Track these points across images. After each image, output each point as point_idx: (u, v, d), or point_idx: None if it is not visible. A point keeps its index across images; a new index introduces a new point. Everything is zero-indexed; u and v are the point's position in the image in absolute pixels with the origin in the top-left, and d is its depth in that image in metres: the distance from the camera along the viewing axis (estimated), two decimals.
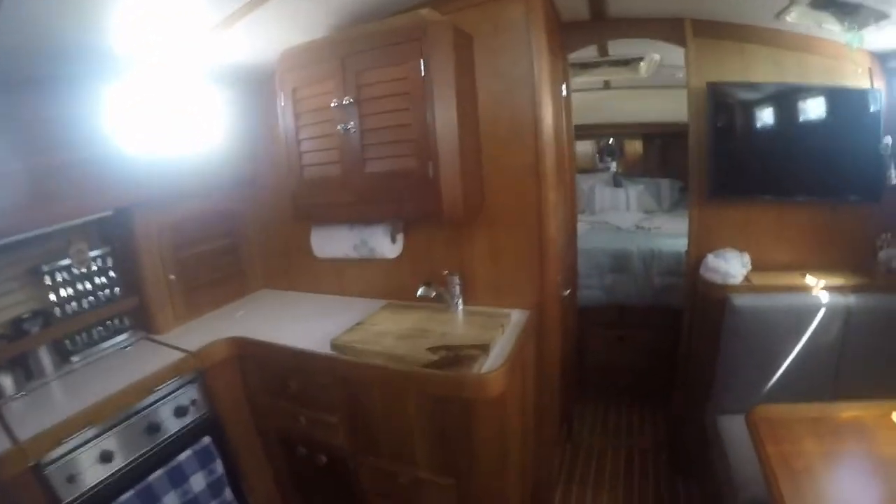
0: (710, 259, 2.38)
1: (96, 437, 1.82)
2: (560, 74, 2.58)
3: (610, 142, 5.81)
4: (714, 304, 2.32)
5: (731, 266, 2.31)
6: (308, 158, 2.16)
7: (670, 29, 2.46)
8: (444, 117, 1.82)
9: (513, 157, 2.06)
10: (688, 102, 2.47)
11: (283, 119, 2.20)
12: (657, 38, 2.55)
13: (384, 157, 1.94)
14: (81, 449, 1.78)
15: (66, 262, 2.35)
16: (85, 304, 2.40)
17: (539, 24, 1.96)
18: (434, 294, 2.18)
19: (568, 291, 2.57)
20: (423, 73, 1.78)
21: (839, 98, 2.22)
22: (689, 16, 2.40)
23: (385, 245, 2.28)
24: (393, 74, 1.85)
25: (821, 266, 2.36)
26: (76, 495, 1.74)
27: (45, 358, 2.23)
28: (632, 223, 4.60)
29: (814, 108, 2.26)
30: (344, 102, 1.93)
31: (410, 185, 1.90)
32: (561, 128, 2.55)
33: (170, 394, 2.08)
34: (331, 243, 2.43)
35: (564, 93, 2.73)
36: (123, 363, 2.23)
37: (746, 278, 2.32)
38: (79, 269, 2.39)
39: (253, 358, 2.29)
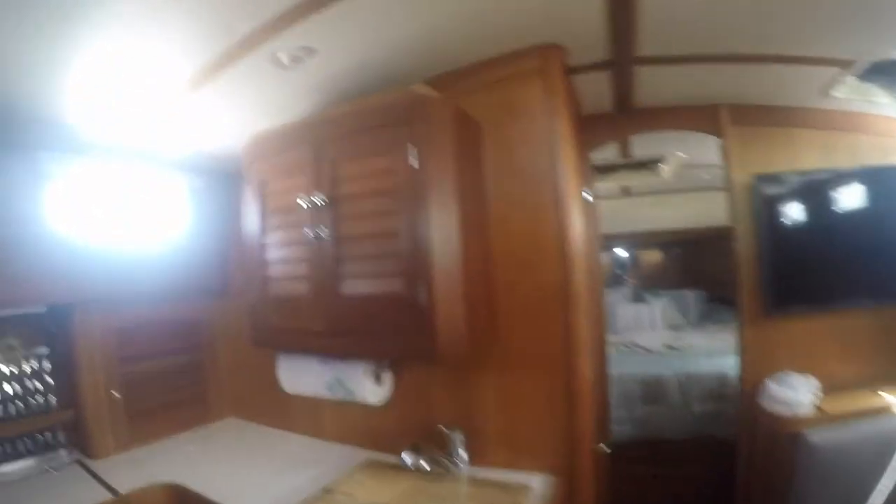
0: (774, 388, 2.08)
1: None
2: (584, 175, 2.20)
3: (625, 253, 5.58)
4: (781, 441, 1.99)
5: (800, 394, 2.02)
6: (274, 270, 1.74)
7: (704, 117, 2.23)
8: (442, 224, 1.39)
9: (533, 275, 1.61)
10: (729, 202, 2.20)
11: (247, 218, 1.81)
12: (689, 129, 2.31)
13: (363, 275, 1.49)
14: None
15: None
16: (11, 409, 2.12)
17: (561, 108, 1.59)
18: (424, 464, 1.67)
19: (602, 444, 2.06)
20: (414, 165, 1.36)
21: None
22: (727, 101, 2.17)
23: (366, 387, 1.77)
24: (377, 166, 1.44)
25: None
26: None
27: None
28: (660, 343, 4.24)
29: (876, 195, 2.04)
30: (315, 201, 1.52)
31: (396, 315, 1.43)
32: (591, 238, 2.16)
33: None
34: (301, 378, 1.95)
35: (590, 198, 2.34)
36: (38, 492, 1.89)
37: (818, 407, 2.01)
38: (7, 367, 2.13)
39: None
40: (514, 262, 1.63)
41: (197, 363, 2.48)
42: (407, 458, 1.64)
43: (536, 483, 1.56)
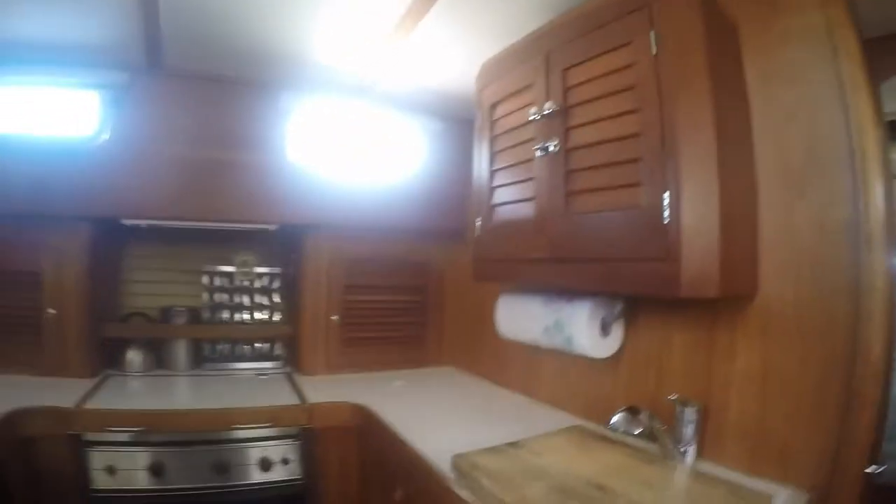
0: None
1: (155, 444, 1.69)
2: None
3: None
4: None
5: None
6: (500, 195, 1.62)
7: None
8: (692, 119, 1.10)
9: (809, 206, 1.18)
10: None
11: (477, 146, 1.74)
12: None
13: (596, 187, 1.26)
14: (131, 448, 1.67)
15: (228, 269, 2.41)
16: (237, 317, 2.41)
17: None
18: (640, 430, 1.31)
19: (875, 469, 1.48)
20: (654, 51, 1.12)
21: None
22: None
23: (587, 335, 1.47)
24: (612, 64, 1.22)
25: None
26: (109, 488, 1.65)
27: (181, 353, 2.28)
28: None
29: None
30: (545, 111, 1.35)
31: (631, 235, 1.17)
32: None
33: (259, 439, 1.79)
34: (518, 320, 1.73)
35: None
36: (243, 390, 2.09)
37: None
38: (241, 280, 2.42)
39: (372, 436, 1.79)
40: (785, 184, 1.23)
41: (421, 304, 2.49)
42: (618, 421, 1.29)
43: (782, 499, 1.14)
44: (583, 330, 1.46)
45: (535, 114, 1.39)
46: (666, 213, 1.08)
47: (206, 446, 1.72)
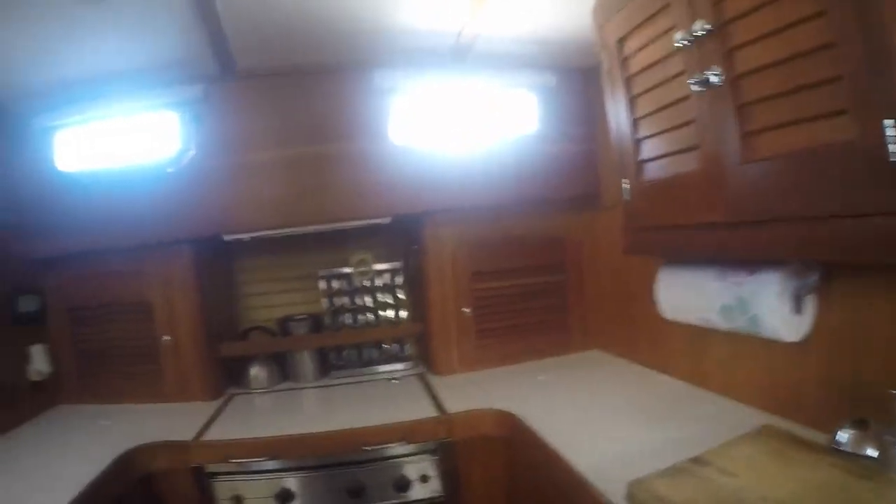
0: None
1: (282, 470, 1.64)
2: None
3: None
4: None
5: None
6: (649, 148, 1.34)
7: None
8: None
9: None
10: None
11: (609, 92, 1.46)
12: None
13: (781, 122, 0.95)
14: (257, 476, 1.63)
15: (346, 271, 2.35)
16: (361, 319, 2.34)
17: None
18: (868, 451, 0.99)
19: None
20: None
21: None
22: None
23: (779, 314, 1.17)
24: None
25: None
26: None
27: (306, 364, 2.26)
28: None
29: None
30: (695, 33, 1.05)
31: (837, 181, 0.86)
32: None
33: (394, 457, 1.68)
34: (685, 298, 1.45)
35: None
36: (375, 400, 1.99)
37: None
38: (360, 281, 2.35)
39: (522, 448, 1.60)
40: None
41: (559, 285, 2.25)
42: (844, 437, 1.01)
43: None
44: (773, 308, 1.16)
45: (681, 39, 1.10)
46: (892, 148, 0.76)
47: (338, 469, 1.64)
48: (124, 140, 1.99)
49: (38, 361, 1.98)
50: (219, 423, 1.82)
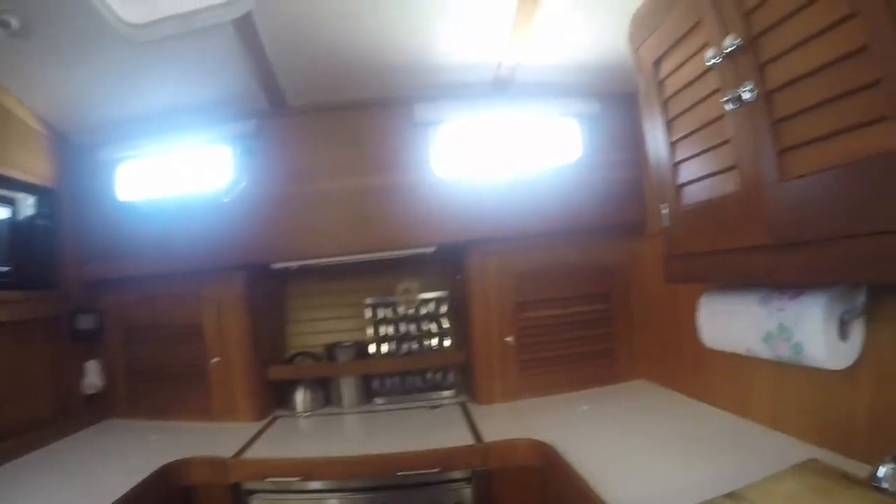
0: None
1: (318, 491, 1.66)
2: None
3: None
4: None
5: None
6: (687, 171, 1.30)
7: None
8: None
9: None
10: None
11: (647, 116, 1.43)
12: None
13: (818, 136, 0.90)
14: (293, 495, 1.66)
15: (392, 299, 2.36)
16: (405, 347, 2.33)
17: None
18: None
19: None
20: None
21: None
22: None
23: (824, 341, 1.09)
24: None
25: None
26: None
27: (349, 389, 2.28)
28: None
29: None
30: (727, 49, 1.02)
31: (882, 194, 0.80)
32: None
33: (429, 484, 1.65)
34: (727, 325, 1.38)
35: None
36: (414, 427, 1.98)
37: None
38: (405, 309, 2.36)
39: (556, 480, 1.54)
40: None
41: (605, 313, 2.19)
42: (887, 475, 0.92)
43: None
44: (818, 334, 1.08)
45: (713, 56, 1.07)
46: None
47: (372, 493, 1.64)
48: (181, 172, 2.11)
49: (93, 376, 2.09)
50: (260, 442, 1.85)
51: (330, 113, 2.05)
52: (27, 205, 1.89)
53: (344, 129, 2.05)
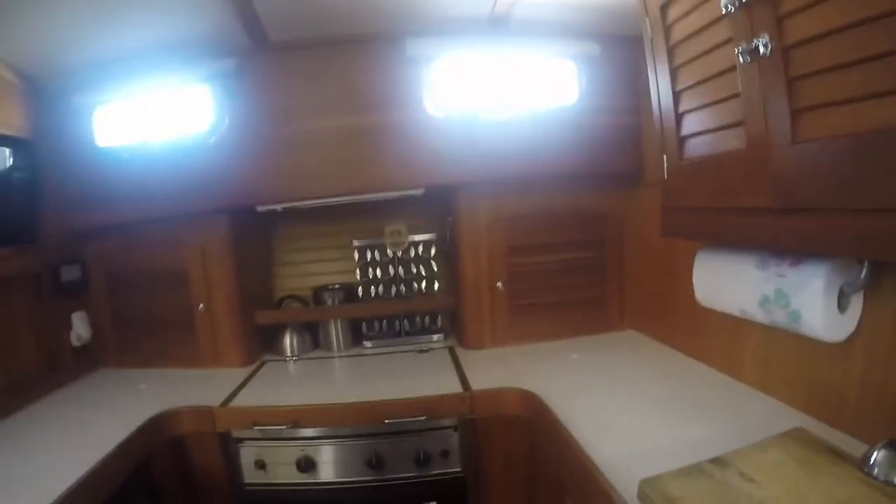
0: None
1: (305, 438, 1.67)
2: None
3: None
4: None
5: None
6: (691, 123, 1.24)
7: None
8: None
9: None
10: None
11: (651, 62, 1.34)
12: None
13: (836, 100, 0.83)
14: (281, 442, 1.67)
15: (380, 241, 2.32)
16: (392, 290, 2.32)
17: None
18: None
19: None
20: None
21: None
22: None
23: (823, 312, 1.06)
24: None
25: None
26: (260, 482, 1.68)
27: (338, 333, 2.27)
28: None
29: None
30: None
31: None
32: None
33: (415, 431, 1.66)
34: (722, 285, 1.35)
35: None
36: (402, 371, 2.00)
37: None
38: (393, 252, 2.31)
39: (543, 430, 1.56)
40: None
41: (597, 262, 2.16)
42: (878, 457, 0.91)
43: None
44: (817, 305, 1.05)
45: (727, 3, 0.99)
46: None
47: (359, 440, 1.65)
48: (160, 114, 2.00)
49: (80, 327, 2.05)
50: (248, 388, 1.86)
51: (315, 50, 1.92)
52: (2, 158, 1.78)
53: (330, 66, 1.92)
